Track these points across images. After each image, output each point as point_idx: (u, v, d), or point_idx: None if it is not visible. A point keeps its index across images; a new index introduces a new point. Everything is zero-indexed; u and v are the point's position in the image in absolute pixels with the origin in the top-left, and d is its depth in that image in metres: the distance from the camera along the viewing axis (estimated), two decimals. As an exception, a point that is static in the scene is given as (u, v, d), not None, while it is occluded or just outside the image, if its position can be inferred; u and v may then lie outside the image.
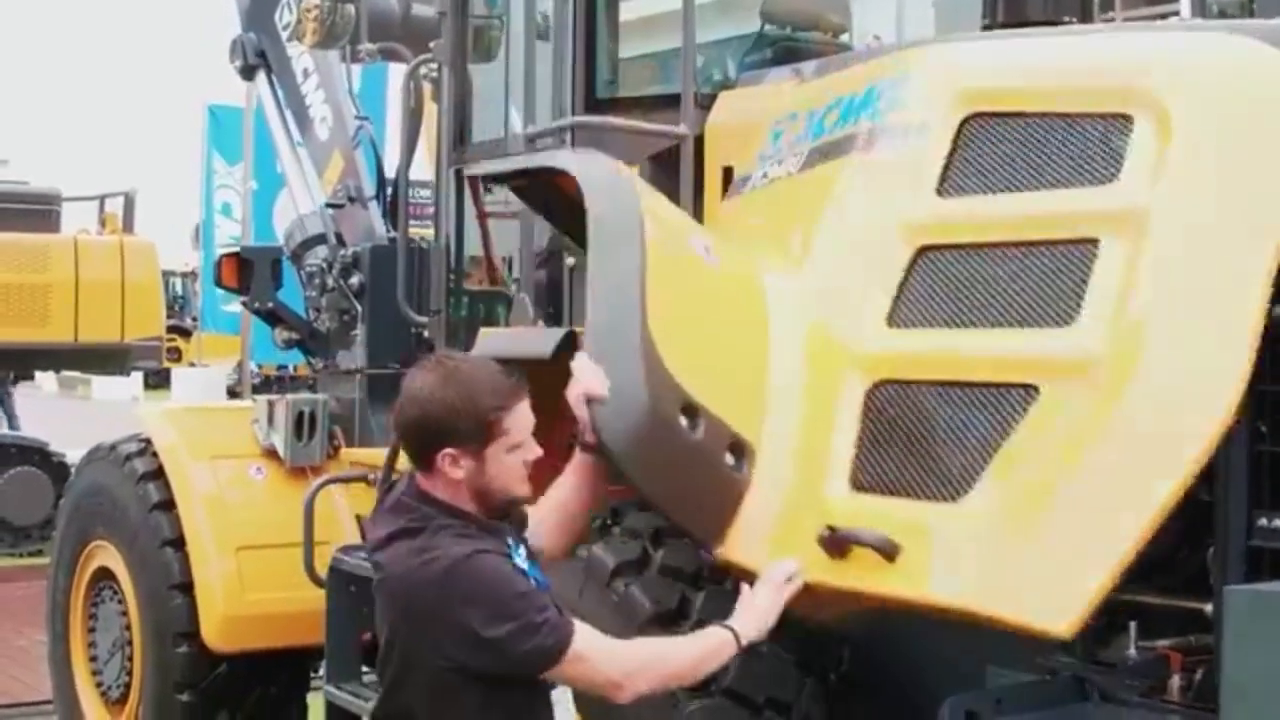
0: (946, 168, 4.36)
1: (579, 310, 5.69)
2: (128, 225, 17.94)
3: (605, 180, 4.51)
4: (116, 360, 16.86)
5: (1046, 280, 4.04)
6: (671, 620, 4.48)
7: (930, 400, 4.15)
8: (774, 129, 5.14)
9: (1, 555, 15.39)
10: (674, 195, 5.44)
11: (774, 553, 4.14)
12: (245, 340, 18.90)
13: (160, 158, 57.84)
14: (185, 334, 33.68)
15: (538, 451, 3.87)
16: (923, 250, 4.29)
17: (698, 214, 5.39)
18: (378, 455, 6.64)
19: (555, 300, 5.83)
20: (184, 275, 39.51)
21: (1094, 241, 3.96)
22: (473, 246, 6.52)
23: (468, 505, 3.78)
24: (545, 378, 5.51)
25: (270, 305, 8.30)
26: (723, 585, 4.58)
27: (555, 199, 4.99)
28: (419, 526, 3.73)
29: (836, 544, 4.04)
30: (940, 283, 4.25)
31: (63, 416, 23.15)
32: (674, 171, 5.50)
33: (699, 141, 5.51)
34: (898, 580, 3.94)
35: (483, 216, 6.49)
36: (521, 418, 3.84)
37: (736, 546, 4.25)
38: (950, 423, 4.08)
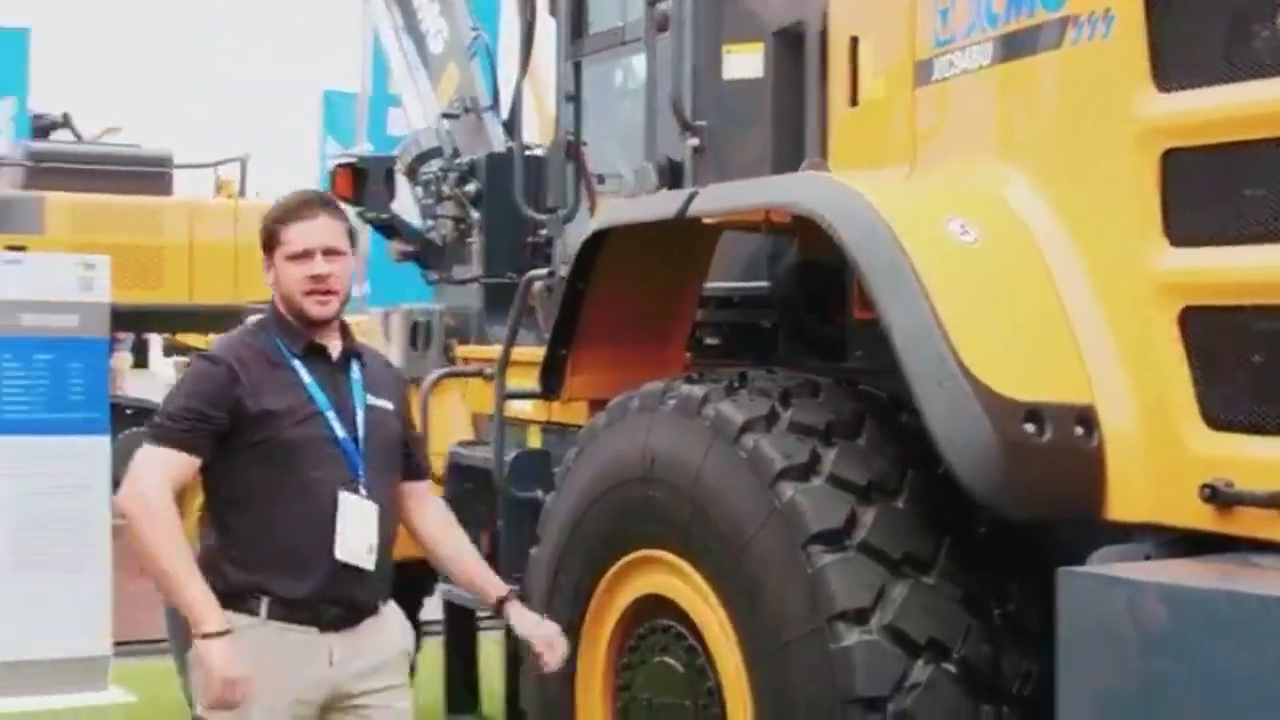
0: (1153, 55, 4.08)
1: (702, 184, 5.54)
2: (242, 190, 18.01)
3: (853, 217, 4.34)
4: (231, 321, 16.89)
5: None
6: (802, 475, 4.30)
7: (1251, 326, 3.96)
8: (937, 5, 4.91)
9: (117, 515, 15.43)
10: (799, 73, 5.28)
11: (1157, 509, 4.02)
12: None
13: (276, 144, 58.13)
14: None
15: (322, 269, 4.44)
16: (1168, 154, 4.04)
17: (822, 92, 5.22)
18: (494, 351, 6.51)
19: (677, 176, 5.66)
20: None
21: None
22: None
23: (285, 310, 4.52)
24: (674, 246, 5.40)
25: (385, 216, 8.15)
26: (855, 442, 4.42)
27: None
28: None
29: (1221, 502, 3.87)
30: (1204, 191, 4.02)
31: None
32: (798, 48, 5.34)
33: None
34: None
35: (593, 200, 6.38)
36: (299, 233, 4.45)
37: (1123, 508, 4.10)
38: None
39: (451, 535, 4.91)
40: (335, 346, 4.58)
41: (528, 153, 7.01)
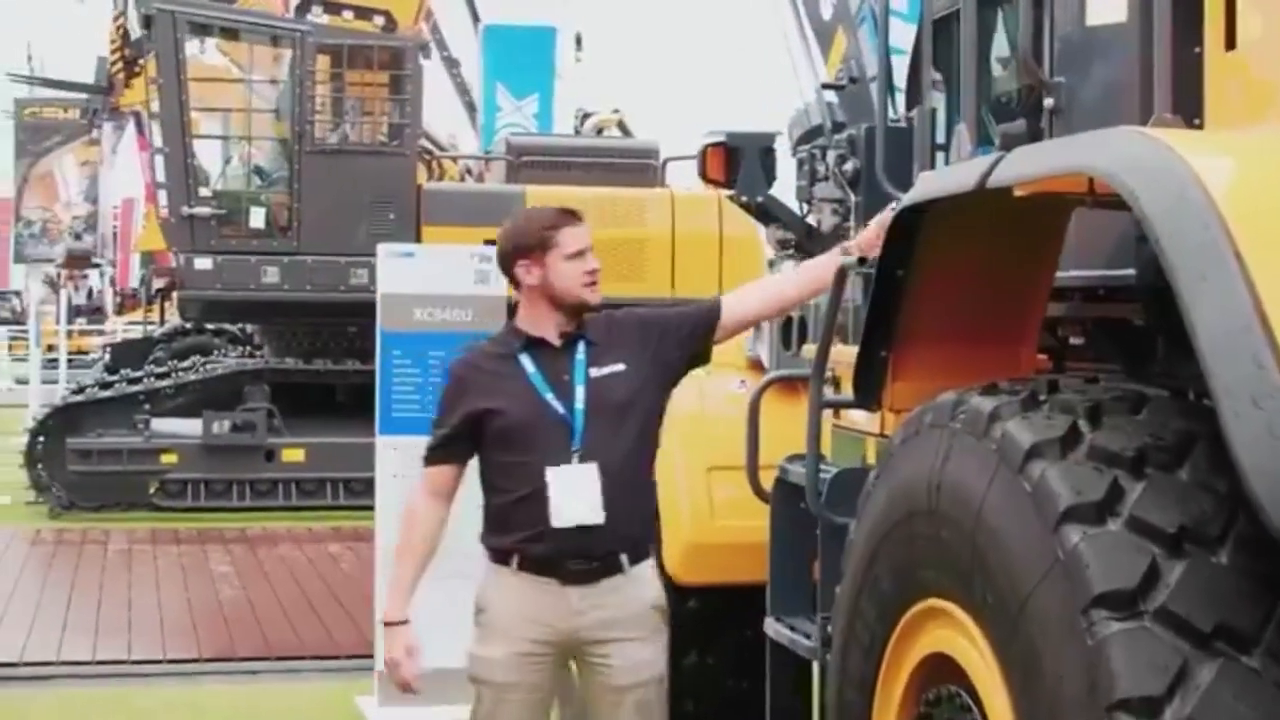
0: None
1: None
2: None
3: (1159, 181, 3.37)
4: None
5: None
6: (1095, 516, 3.34)
7: None
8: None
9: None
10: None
11: None
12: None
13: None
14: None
15: (595, 264, 5.05)
16: None
17: (1175, 35, 4.23)
18: (849, 352, 5.64)
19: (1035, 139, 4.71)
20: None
21: None
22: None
23: (540, 313, 5.08)
24: (1018, 225, 4.48)
25: (760, 200, 7.37)
26: (1174, 474, 3.43)
27: None
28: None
29: None
30: None
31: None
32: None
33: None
34: None
35: None
36: (571, 235, 5.02)
37: None
38: None
39: (768, 284, 5.91)
40: (555, 336, 5.10)
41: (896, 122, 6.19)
